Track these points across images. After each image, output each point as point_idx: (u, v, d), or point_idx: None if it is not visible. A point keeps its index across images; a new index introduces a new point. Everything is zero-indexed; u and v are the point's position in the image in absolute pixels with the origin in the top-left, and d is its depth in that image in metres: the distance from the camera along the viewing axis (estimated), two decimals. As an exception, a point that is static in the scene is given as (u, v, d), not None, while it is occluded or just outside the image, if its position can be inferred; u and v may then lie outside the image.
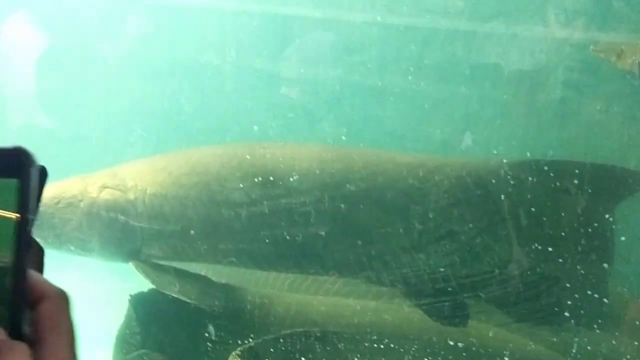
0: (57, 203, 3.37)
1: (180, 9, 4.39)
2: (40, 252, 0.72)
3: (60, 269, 2.72)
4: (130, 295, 3.48)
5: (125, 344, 3.50)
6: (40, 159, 0.70)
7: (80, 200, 3.37)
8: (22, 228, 0.68)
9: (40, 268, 0.71)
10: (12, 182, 0.69)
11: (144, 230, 3.32)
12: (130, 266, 3.33)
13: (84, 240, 3.41)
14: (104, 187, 3.38)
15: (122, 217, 3.33)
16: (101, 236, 3.38)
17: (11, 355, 0.64)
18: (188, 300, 3.34)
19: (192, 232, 3.29)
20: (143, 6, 4.54)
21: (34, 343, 0.66)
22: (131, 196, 3.34)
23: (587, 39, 3.36)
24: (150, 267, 3.34)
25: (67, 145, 4.90)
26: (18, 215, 0.68)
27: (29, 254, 0.68)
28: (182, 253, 3.36)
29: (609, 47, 3.25)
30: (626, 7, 3.36)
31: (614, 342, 3.07)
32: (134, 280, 3.51)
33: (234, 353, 3.12)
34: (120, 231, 3.34)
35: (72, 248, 3.44)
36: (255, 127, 3.83)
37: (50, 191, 3.26)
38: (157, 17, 4.54)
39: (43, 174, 0.71)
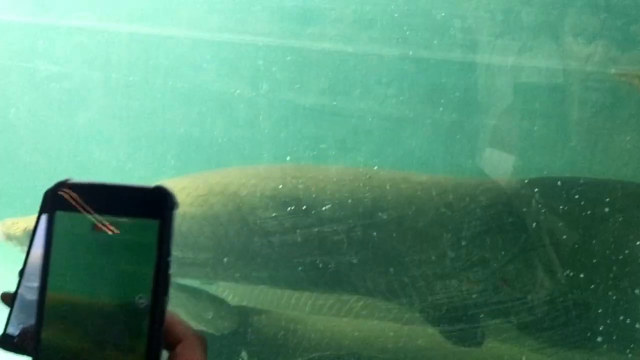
0: None
1: (214, 43, 4.52)
2: None
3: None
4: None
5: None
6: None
7: None
8: (161, 270, 0.67)
9: None
10: (153, 223, 0.67)
11: None
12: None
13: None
14: None
15: None
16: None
17: None
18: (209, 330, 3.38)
19: (210, 251, 3.32)
20: (179, 40, 4.68)
21: None
22: None
23: (607, 62, 3.41)
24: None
25: (96, 173, 4.97)
26: (157, 257, 0.67)
27: (167, 296, 0.68)
28: (202, 273, 3.40)
29: (630, 70, 3.32)
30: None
31: (646, 367, 3.10)
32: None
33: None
34: None
35: None
36: (288, 158, 3.91)
37: None
38: (192, 51, 4.67)
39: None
